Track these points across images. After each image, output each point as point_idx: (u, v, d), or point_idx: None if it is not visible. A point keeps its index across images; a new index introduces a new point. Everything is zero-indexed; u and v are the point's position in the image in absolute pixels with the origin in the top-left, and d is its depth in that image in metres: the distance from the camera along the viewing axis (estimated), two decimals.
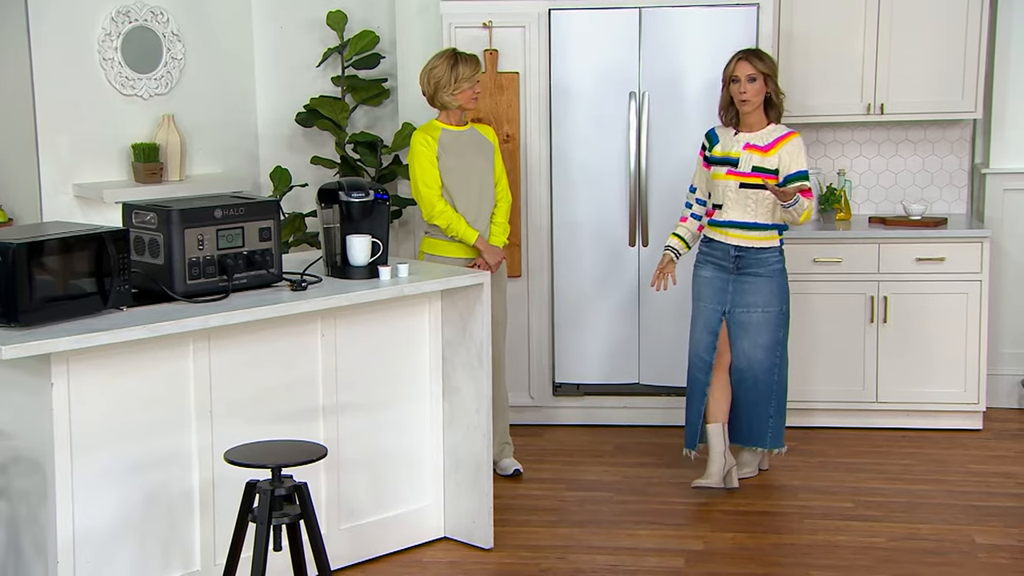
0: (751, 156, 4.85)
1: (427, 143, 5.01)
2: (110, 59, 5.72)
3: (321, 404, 4.24)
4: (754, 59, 4.85)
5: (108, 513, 3.74)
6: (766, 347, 4.92)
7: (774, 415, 5.01)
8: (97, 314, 3.73)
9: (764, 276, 4.88)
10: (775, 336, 4.93)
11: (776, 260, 4.90)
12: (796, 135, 4.88)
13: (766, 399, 4.98)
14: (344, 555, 4.34)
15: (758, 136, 4.88)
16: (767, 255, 4.88)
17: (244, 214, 4.11)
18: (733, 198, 4.87)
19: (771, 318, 4.91)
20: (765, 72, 4.83)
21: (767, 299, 4.89)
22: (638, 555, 4.46)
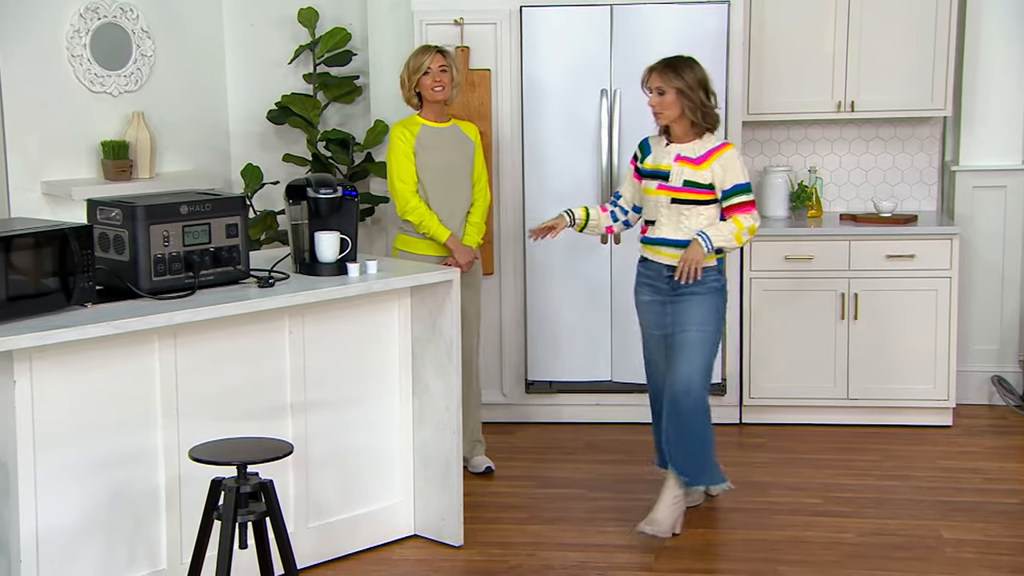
0: (683, 169, 4.45)
1: (404, 137, 5.00)
2: (79, 56, 5.68)
3: (289, 401, 4.22)
4: (665, 71, 4.44)
5: (72, 511, 3.71)
6: (703, 371, 4.48)
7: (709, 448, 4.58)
8: (61, 311, 3.70)
9: (701, 295, 4.47)
10: (710, 359, 4.50)
11: (714, 279, 4.50)
12: (730, 147, 4.48)
13: (705, 428, 4.52)
14: (313, 553, 4.32)
15: (690, 147, 4.48)
16: (705, 274, 4.45)
17: (210, 210, 4.09)
18: (665, 214, 4.48)
19: (706, 338, 4.47)
20: (678, 87, 4.40)
21: (704, 318, 4.47)
22: (608, 552, 4.46)
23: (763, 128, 6.22)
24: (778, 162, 6.25)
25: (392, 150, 5.03)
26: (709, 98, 4.45)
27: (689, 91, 4.40)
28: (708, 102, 4.44)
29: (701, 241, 4.38)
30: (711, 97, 4.46)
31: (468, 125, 5.20)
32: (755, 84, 5.89)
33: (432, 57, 4.96)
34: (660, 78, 4.45)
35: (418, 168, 5.01)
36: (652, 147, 4.58)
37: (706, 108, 4.44)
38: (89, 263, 3.76)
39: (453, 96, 5.09)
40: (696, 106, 4.42)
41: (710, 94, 4.46)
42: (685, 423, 4.46)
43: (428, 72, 4.97)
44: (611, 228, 4.73)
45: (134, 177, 5.82)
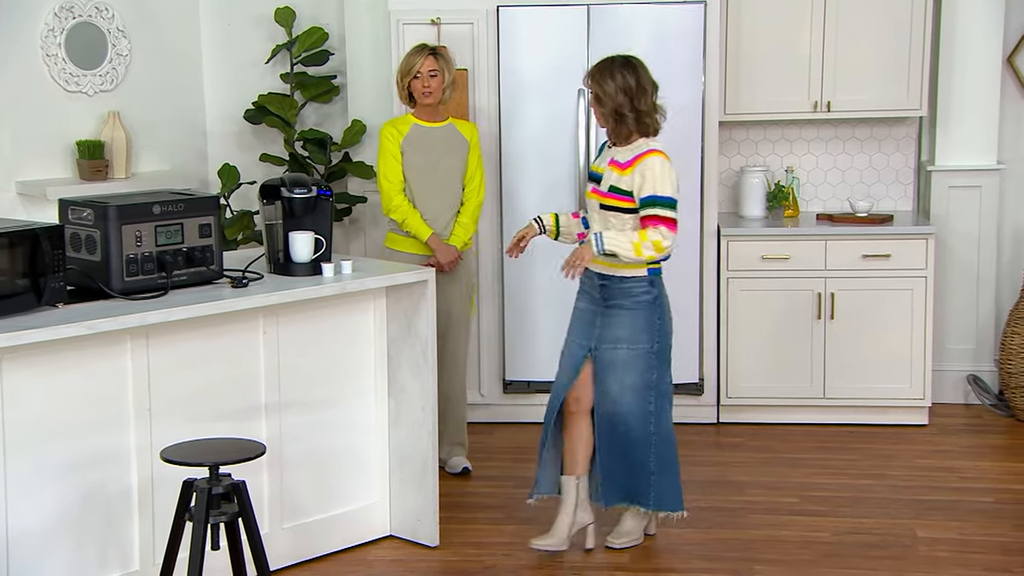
0: (611, 174, 4.23)
1: (391, 136, 5.01)
2: (53, 55, 5.65)
3: (263, 402, 4.20)
4: (590, 75, 4.27)
5: (44, 512, 3.68)
6: (635, 390, 4.25)
7: (657, 472, 4.31)
8: (31, 311, 3.67)
9: (629, 308, 4.23)
10: (644, 378, 4.25)
11: (643, 291, 4.23)
12: (656, 153, 4.17)
13: (643, 451, 4.29)
14: (287, 554, 4.30)
15: (623, 151, 4.24)
16: (631, 285, 4.22)
17: (183, 210, 4.06)
18: (596, 219, 4.29)
19: (638, 357, 4.23)
20: (595, 91, 4.21)
21: (632, 334, 4.23)
22: (583, 551, 4.44)
23: (740, 128, 6.22)
24: (755, 162, 6.26)
25: (380, 149, 5.05)
26: (635, 106, 4.18)
27: (605, 97, 4.18)
28: (628, 112, 4.18)
29: (593, 241, 4.15)
30: (643, 102, 4.19)
31: (465, 125, 5.19)
32: (732, 84, 5.90)
33: (423, 61, 4.96)
34: (587, 81, 4.30)
35: (405, 167, 5.01)
36: (603, 150, 4.40)
37: (619, 116, 4.18)
38: (60, 263, 3.73)
39: (446, 97, 5.09)
40: (609, 113, 4.19)
41: (643, 98, 4.19)
42: (615, 442, 4.28)
43: (418, 76, 4.97)
44: (583, 235, 4.47)
45: (110, 177, 5.78)
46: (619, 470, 4.32)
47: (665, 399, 4.31)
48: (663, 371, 4.30)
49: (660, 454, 4.31)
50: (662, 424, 4.30)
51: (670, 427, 4.35)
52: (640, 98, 4.20)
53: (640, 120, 4.21)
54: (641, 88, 4.21)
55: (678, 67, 5.64)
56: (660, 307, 4.27)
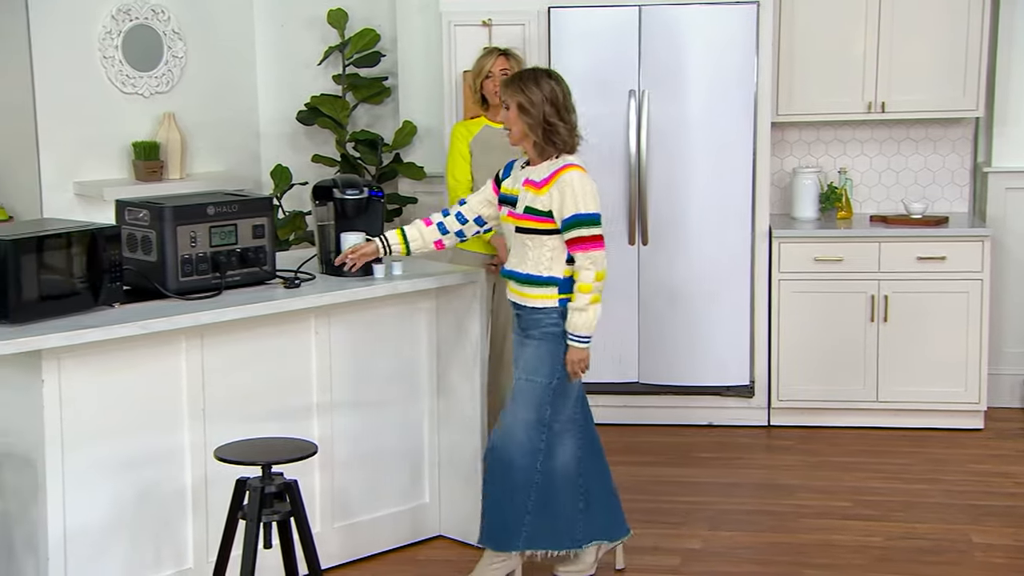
0: (526, 194, 3.93)
1: (461, 136, 5.04)
2: (111, 57, 5.72)
3: (315, 402, 4.22)
4: (509, 84, 3.98)
5: (100, 510, 3.72)
6: (528, 424, 3.95)
7: (532, 512, 3.99)
8: (88, 311, 3.71)
9: (535, 339, 3.94)
10: (539, 413, 3.95)
11: (552, 323, 3.91)
12: (573, 168, 3.88)
13: (523, 489, 3.97)
14: (338, 553, 4.32)
15: (537, 170, 3.94)
16: (540, 316, 3.93)
17: (237, 211, 4.10)
18: (514, 244, 4.00)
19: (536, 389, 3.94)
20: (519, 101, 3.90)
21: (534, 366, 3.95)
22: (634, 554, 4.42)
23: (792, 129, 6.16)
24: (807, 163, 6.20)
25: (450, 148, 5.09)
26: (563, 117, 3.91)
27: (530, 107, 3.88)
28: (558, 121, 3.89)
29: (575, 344, 3.89)
30: (565, 116, 3.92)
31: None
32: (784, 85, 5.84)
33: (494, 61, 4.97)
34: (504, 91, 3.98)
35: (473, 167, 5.02)
36: (513, 170, 4.07)
37: (549, 127, 3.88)
38: (117, 264, 3.77)
39: None
40: (537, 124, 3.89)
41: (564, 112, 3.92)
42: (495, 477, 4.02)
43: (490, 76, 4.98)
44: (441, 243, 4.19)
45: (165, 178, 5.85)
46: (496, 508, 4.03)
47: (555, 438, 3.98)
48: (558, 408, 3.97)
49: (541, 493, 3.99)
50: (551, 463, 3.99)
51: (559, 464, 4.01)
52: (567, 110, 3.94)
53: (552, 134, 3.90)
54: (568, 101, 3.95)
55: (730, 68, 5.60)
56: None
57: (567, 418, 4.03)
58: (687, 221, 5.72)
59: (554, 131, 3.90)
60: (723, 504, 4.91)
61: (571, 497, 4.07)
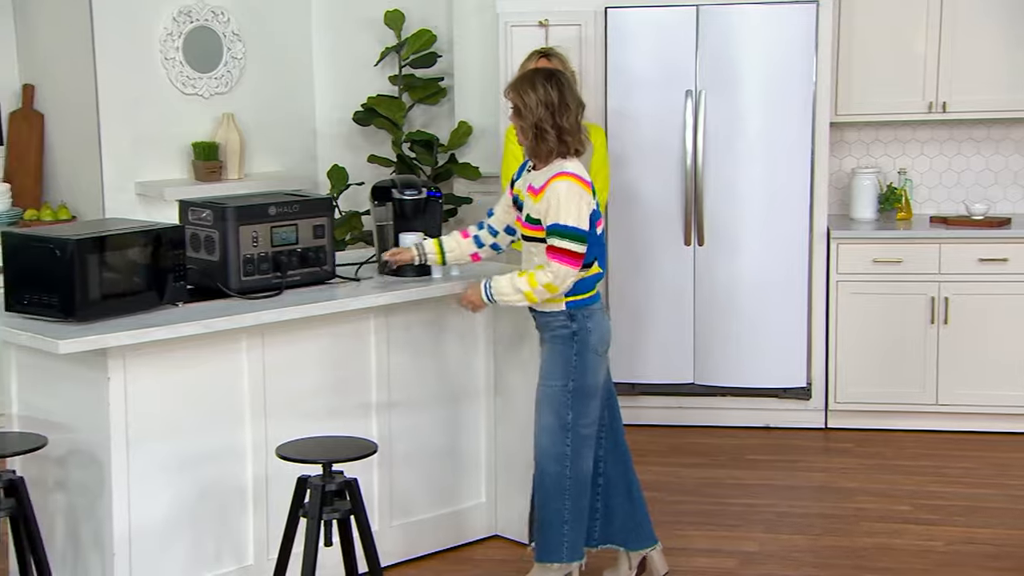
0: (527, 201, 3.88)
1: (512, 138, 4.98)
2: (172, 58, 5.79)
3: (374, 401, 4.25)
4: (510, 87, 3.90)
5: (163, 506, 3.77)
6: (552, 430, 3.89)
7: (569, 520, 3.92)
8: (153, 310, 3.76)
9: (548, 343, 3.91)
10: (560, 419, 3.87)
11: (560, 325, 3.86)
12: (564, 177, 3.75)
13: (558, 497, 3.90)
14: (395, 551, 4.34)
15: (539, 175, 3.86)
16: (549, 319, 3.89)
17: (298, 211, 4.13)
18: (524, 249, 3.95)
19: (555, 394, 3.87)
20: (516, 104, 3.82)
21: (548, 370, 3.90)
22: (689, 556, 4.41)
23: (851, 129, 6.11)
24: (866, 163, 6.14)
25: (503, 151, 5.07)
26: (556, 122, 3.78)
27: (524, 110, 3.79)
28: (549, 127, 3.77)
29: (482, 289, 3.90)
30: (560, 121, 3.79)
31: (592, 128, 5.15)
32: (843, 84, 5.79)
33: (535, 62, 4.90)
34: (507, 92, 3.90)
35: None
36: (523, 172, 4.00)
37: (539, 132, 3.78)
38: (181, 263, 3.82)
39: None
40: (528, 127, 3.79)
41: (566, 115, 3.79)
42: (536, 488, 3.99)
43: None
44: (477, 256, 4.20)
45: (224, 178, 5.92)
46: (540, 518, 3.99)
47: (582, 442, 3.91)
48: (581, 411, 3.88)
49: (574, 500, 3.93)
50: (579, 468, 3.91)
51: (586, 472, 3.95)
52: (563, 114, 3.80)
53: (561, 138, 3.80)
54: (564, 104, 3.81)
55: (788, 67, 5.56)
56: (581, 343, 3.86)
57: (591, 421, 3.93)
58: (743, 222, 5.68)
59: (543, 136, 3.79)
60: (780, 507, 4.88)
61: (592, 497, 4.03)
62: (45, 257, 3.56)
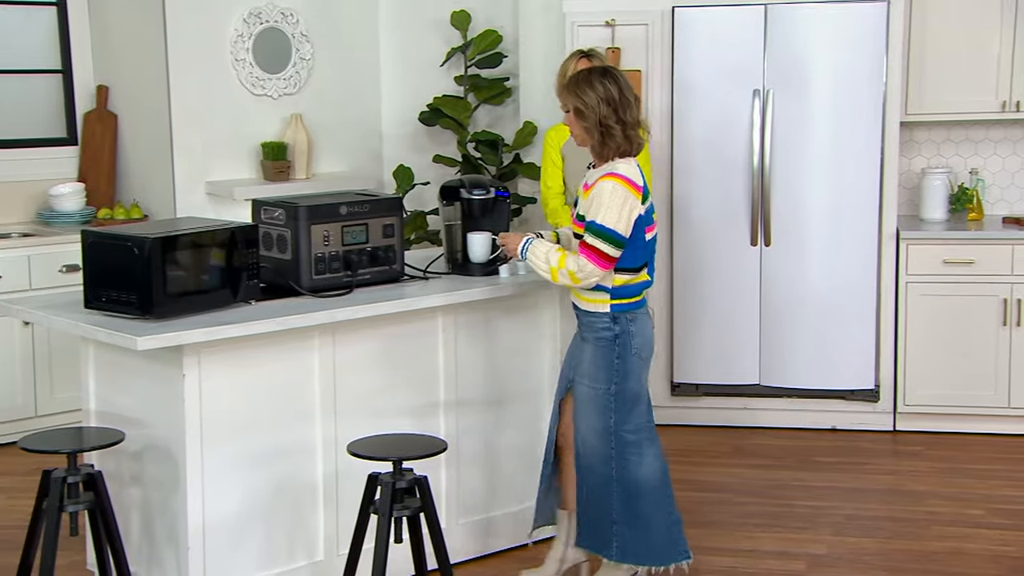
0: (580, 198, 3.86)
1: (552, 142, 5.02)
2: (242, 60, 5.85)
3: (442, 399, 4.26)
4: (564, 88, 3.86)
5: (236, 502, 3.81)
6: (598, 432, 3.86)
7: (620, 522, 3.89)
8: (227, 307, 3.80)
9: (590, 343, 3.86)
10: (604, 421, 3.85)
11: (603, 327, 3.82)
12: (610, 178, 3.70)
13: (604, 497, 3.89)
14: (462, 549, 4.35)
15: (592, 173, 3.84)
16: (592, 319, 3.84)
17: (368, 211, 4.15)
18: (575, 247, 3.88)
19: (597, 397, 3.85)
20: (576, 105, 3.75)
21: (592, 372, 3.86)
22: (758, 557, 4.38)
23: (921, 129, 6.03)
24: (937, 163, 6.06)
25: (542, 154, 5.07)
26: (620, 118, 3.73)
27: (586, 110, 3.73)
28: (615, 123, 3.72)
29: (521, 244, 3.90)
30: (623, 116, 3.74)
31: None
32: (914, 84, 5.71)
33: (575, 63, 4.82)
34: (561, 95, 3.89)
35: (566, 173, 5.00)
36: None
37: (605, 129, 3.72)
38: (254, 261, 3.86)
39: None
40: (593, 127, 3.74)
41: (623, 112, 3.74)
42: (582, 483, 3.95)
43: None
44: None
45: (292, 178, 5.96)
46: (589, 513, 3.96)
47: (628, 447, 3.86)
48: (624, 416, 3.85)
49: (625, 503, 3.88)
50: (625, 471, 3.87)
51: (641, 476, 3.89)
52: (625, 109, 3.75)
53: (626, 133, 3.74)
54: (625, 99, 3.75)
55: (858, 66, 5.51)
56: (623, 346, 3.82)
57: (637, 427, 3.88)
58: (811, 222, 5.63)
59: (609, 133, 3.74)
60: (847, 509, 4.82)
61: (665, 508, 3.95)
62: (123, 255, 3.62)
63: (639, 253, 3.81)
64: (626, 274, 3.82)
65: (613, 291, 3.81)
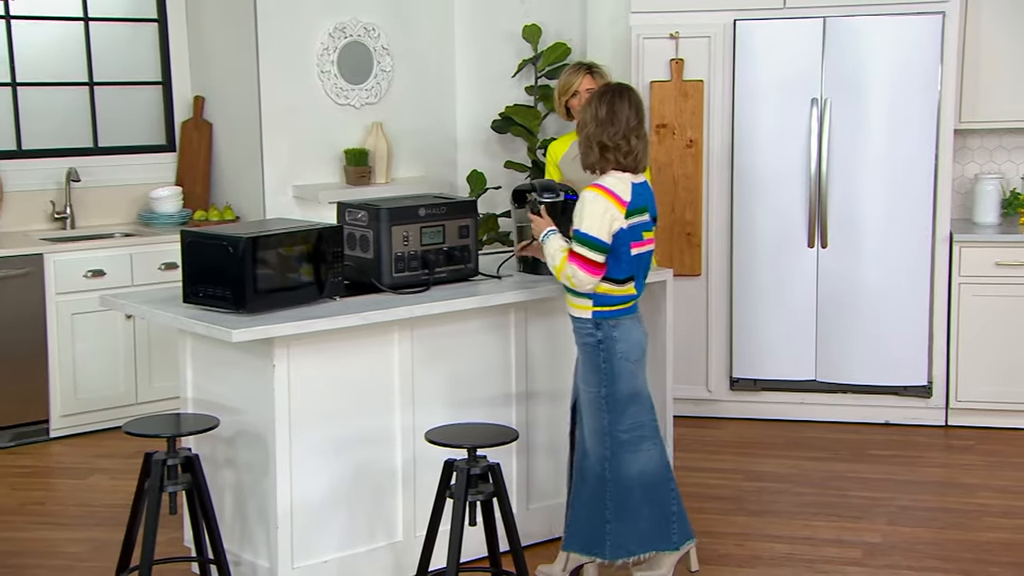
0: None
1: (549, 157, 4.80)
2: (327, 71, 5.92)
3: (513, 391, 4.28)
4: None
5: (322, 485, 3.85)
6: (595, 433, 3.87)
7: (613, 520, 3.88)
8: (313, 303, 3.85)
9: (580, 349, 3.89)
10: (599, 422, 3.86)
11: (587, 333, 3.83)
12: (593, 188, 3.74)
13: (598, 497, 3.89)
14: (533, 533, 4.35)
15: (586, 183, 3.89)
16: (579, 325, 3.86)
17: (445, 213, 4.18)
18: None
19: (592, 399, 3.86)
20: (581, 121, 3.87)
21: (585, 376, 3.88)
22: (815, 545, 4.34)
23: (974, 136, 5.92)
24: (989, 169, 5.94)
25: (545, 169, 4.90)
26: (605, 134, 3.75)
27: (581, 122, 3.84)
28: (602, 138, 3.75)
29: (545, 231, 3.86)
30: (609, 135, 3.75)
31: None
32: (968, 92, 5.61)
33: (580, 79, 4.61)
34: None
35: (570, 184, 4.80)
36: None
37: (587, 143, 3.78)
38: (339, 260, 3.90)
39: None
40: (582, 139, 3.84)
41: (609, 131, 3.75)
42: (580, 484, 3.95)
43: (576, 94, 4.61)
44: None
45: (372, 182, 6.02)
46: (580, 514, 3.95)
47: (622, 447, 3.85)
48: (616, 417, 3.84)
49: (618, 501, 3.87)
50: (619, 471, 3.86)
51: (634, 473, 3.87)
52: (606, 130, 3.75)
53: (603, 154, 3.77)
54: (610, 120, 3.75)
55: (913, 76, 5.43)
56: (607, 351, 3.81)
57: (632, 427, 3.86)
58: (866, 224, 5.56)
59: (587, 150, 3.81)
60: (902, 500, 4.76)
61: (662, 500, 3.92)
62: (219, 254, 3.68)
63: (623, 266, 3.79)
64: (610, 283, 3.80)
65: (596, 298, 3.80)
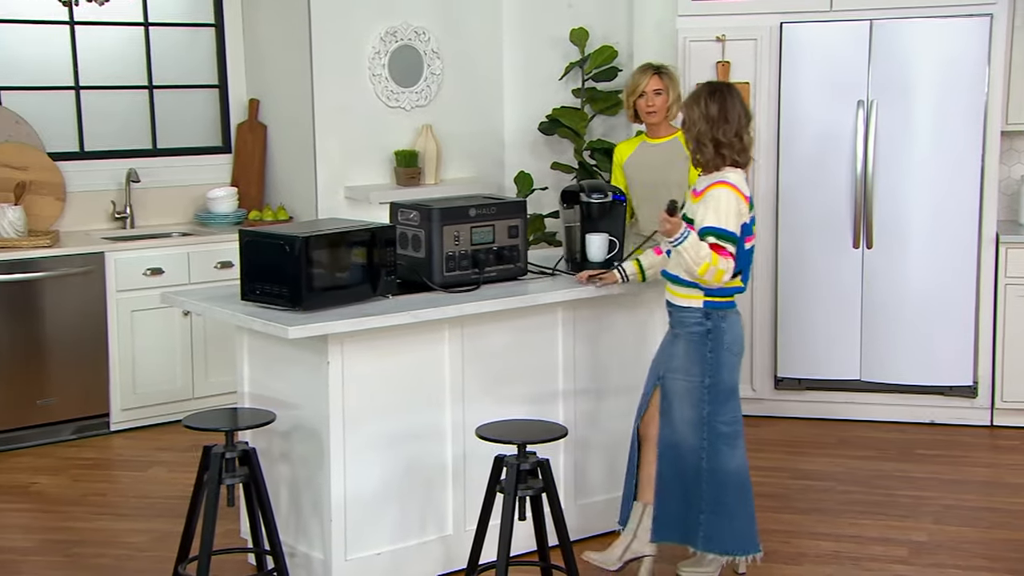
0: (688, 203, 3.85)
1: (615, 159, 4.78)
2: (378, 75, 5.92)
3: (561, 388, 4.25)
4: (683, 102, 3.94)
5: (374, 479, 3.85)
6: (692, 424, 3.80)
7: (707, 511, 3.81)
8: (367, 301, 3.85)
9: (684, 338, 3.81)
10: (698, 412, 3.79)
11: (695, 322, 3.78)
12: (722, 185, 3.70)
13: (694, 488, 3.82)
14: (579, 528, 4.32)
15: (702, 180, 3.82)
16: (685, 315, 3.80)
17: (495, 213, 4.16)
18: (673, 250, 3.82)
19: (692, 389, 3.79)
20: (684, 118, 3.85)
21: (686, 365, 3.80)
22: (861, 543, 4.27)
23: (1021, 137, 5.82)
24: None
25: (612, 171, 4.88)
26: (721, 132, 3.71)
27: (689, 123, 3.79)
28: (716, 136, 3.72)
29: (681, 231, 3.66)
30: (724, 132, 3.71)
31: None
32: (1016, 94, 5.51)
33: (648, 80, 4.59)
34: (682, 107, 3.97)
35: (630, 185, 4.78)
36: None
37: (699, 141, 3.74)
38: (392, 259, 3.90)
39: (673, 114, 4.64)
40: (691, 139, 3.78)
41: (724, 128, 3.72)
42: (669, 475, 3.85)
43: (643, 95, 4.60)
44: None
45: (422, 183, 6.02)
46: (672, 505, 3.87)
47: (721, 439, 3.80)
48: (717, 408, 3.79)
49: (714, 493, 3.81)
50: (717, 463, 3.80)
51: (731, 468, 3.82)
52: (720, 127, 3.72)
53: (718, 151, 3.73)
54: (723, 118, 3.73)
55: (960, 78, 5.34)
56: (715, 341, 3.77)
57: (731, 420, 3.81)
58: (912, 225, 5.48)
59: (700, 148, 3.76)
60: (947, 499, 4.68)
61: (747, 502, 3.87)
62: (276, 253, 3.69)
63: (738, 260, 3.75)
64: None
65: (707, 288, 3.76)
